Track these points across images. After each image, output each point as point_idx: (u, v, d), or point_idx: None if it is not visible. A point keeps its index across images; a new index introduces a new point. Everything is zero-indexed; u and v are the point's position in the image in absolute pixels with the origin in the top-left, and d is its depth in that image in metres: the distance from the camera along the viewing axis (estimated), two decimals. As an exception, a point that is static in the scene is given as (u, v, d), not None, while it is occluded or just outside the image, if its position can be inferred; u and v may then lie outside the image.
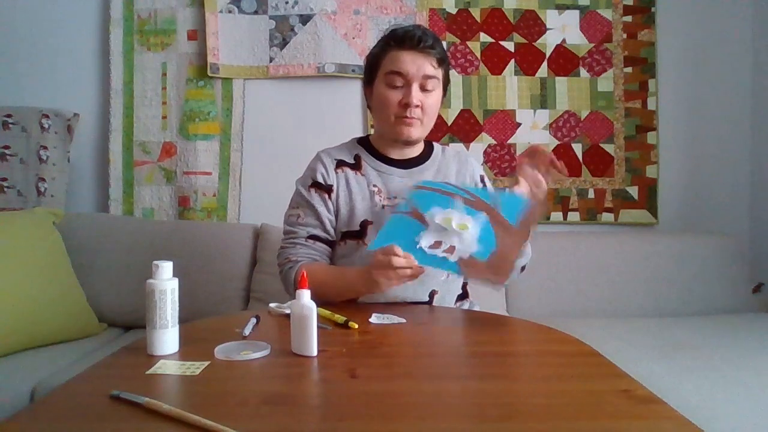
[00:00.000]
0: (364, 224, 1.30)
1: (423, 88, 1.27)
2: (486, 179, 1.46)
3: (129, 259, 1.94)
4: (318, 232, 1.32)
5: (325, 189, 1.33)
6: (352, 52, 2.24)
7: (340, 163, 1.35)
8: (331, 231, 1.33)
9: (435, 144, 1.45)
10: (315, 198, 1.33)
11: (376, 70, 1.32)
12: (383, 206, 1.31)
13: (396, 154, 1.36)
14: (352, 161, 1.36)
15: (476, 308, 1.41)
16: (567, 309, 1.98)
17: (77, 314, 1.75)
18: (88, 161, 2.27)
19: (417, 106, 1.27)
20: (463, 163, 1.43)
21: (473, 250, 1.04)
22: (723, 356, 1.48)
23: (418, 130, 1.30)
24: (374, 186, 1.33)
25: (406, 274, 1.06)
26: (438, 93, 1.31)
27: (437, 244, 1.06)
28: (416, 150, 1.38)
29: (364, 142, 1.41)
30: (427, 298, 1.29)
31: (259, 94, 2.26)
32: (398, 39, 1.28)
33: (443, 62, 1.30)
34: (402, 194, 1.29)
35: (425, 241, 1.06)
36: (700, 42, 2.32)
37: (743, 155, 2.34)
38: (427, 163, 1.38)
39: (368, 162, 1.36)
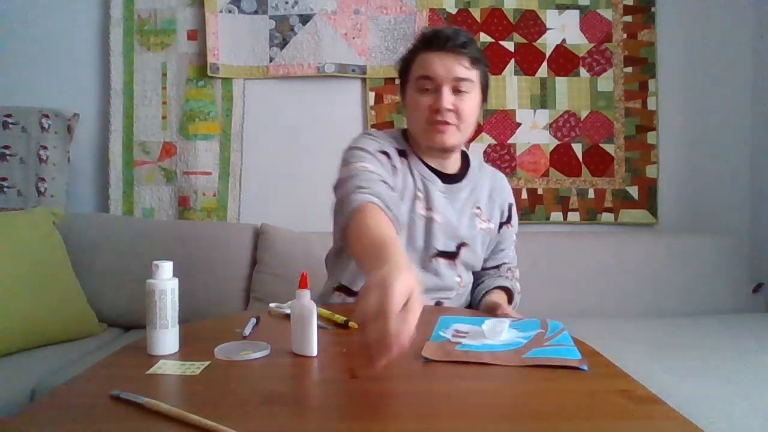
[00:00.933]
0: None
1: (456, 91, 1.19)
2: (514, 208, 1.40)
3: (129, 259, 1.94)
4: (389, 183, 1.16)
5: (392, 166, 1.21)
6: (352, 52, 2.24)
7: (401, 152, 1.25)
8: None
9: (473, 158, 1.37)
10: (385, 163, 1.19)
11: (407, 75, 1.26)
12: (421, 215, 1.22)
13: (434, 163, 1.27)
14: (400, 150, 1.27)
15: None
16: (567, 309, 1.97)
17: (77, 314, 1.75)
18: (88, 161, 2.27)
19: (450, 110, 1.18)
20: (497, 189, 1.36)
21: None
22: (723, 356, 1.48)
23: (454, 136, 1.22)
24: (419, 190, 1.23)
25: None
26: (474, 96, 1.22)
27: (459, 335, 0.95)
28: (454, 162, 1.30)
29: (406, 138, 1.31)
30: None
31: (259, 94, 2.27)
32: (426, 40, 1.21)
33: (478, 62, 1.21)
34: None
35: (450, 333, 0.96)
36: (700, 42, 2.32)
37: (743, 155, 2.34)
38: (464, 181, 1.30)
39: (414, 163, 1.26)
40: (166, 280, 0.88)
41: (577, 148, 2.30)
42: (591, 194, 2.31)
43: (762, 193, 2.30)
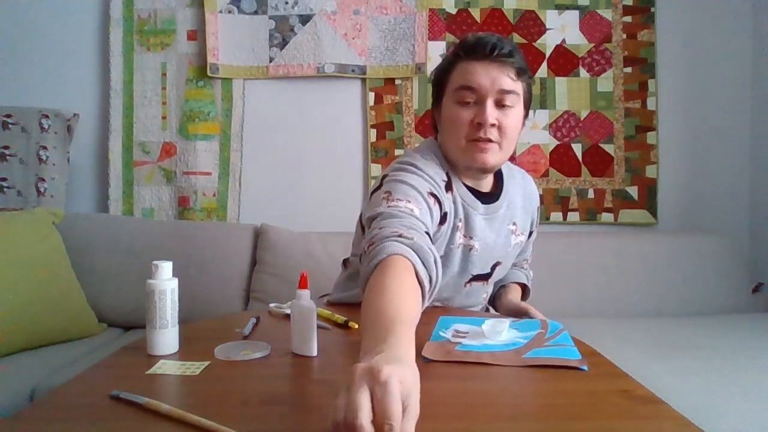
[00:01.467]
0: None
1: (499, 105, 1.08)
2: (538, 215, 1.34)
3: (129, 259, 1.94)
4: (432, 235, 1.01)
5: (441, 213, 1.08)
6: (352, 52, 2.24)
7: (447, 185, 1.12)
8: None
9: (502, 166, 1.24)
10: (434, 210, 1.05)
11: (444, 86, 1.13)
12: (459, 245, 1.13)
13: (471, 182, 1.16)
14: (447, 181, 1.13)
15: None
16: (567, 309, 1.97)
17: (77, 314, 1.75)
18: (88, 161, 2.27)
19: (493, 125, 1.07)
20: (528, 198, 1.29)
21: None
22: (723, 356, 1.48)
23: (496, 155, 1.10)
24: (460, 220, 1.12)
25: None
26: (518, 111, 1.11)
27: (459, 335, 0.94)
28: (490, 180, 1.20)
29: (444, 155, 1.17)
30: None
31: (259, 94, 2.26)
32: (469, 48, 1.09)
33: (524, 73, 1.10)
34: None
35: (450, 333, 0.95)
36: (700, 42, 2.32)
37: (743, 155, 2.34)
38: (500, 198, 1.19)
39: (457, 187, 1.14)
40: (166, 280, 0.88)
41: (577, 148, 2.30)
42: (591, 194, 2.31)
43: (762, 193, 2.30)
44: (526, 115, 1.16)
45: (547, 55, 2.28)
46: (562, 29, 2.29)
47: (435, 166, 1.13)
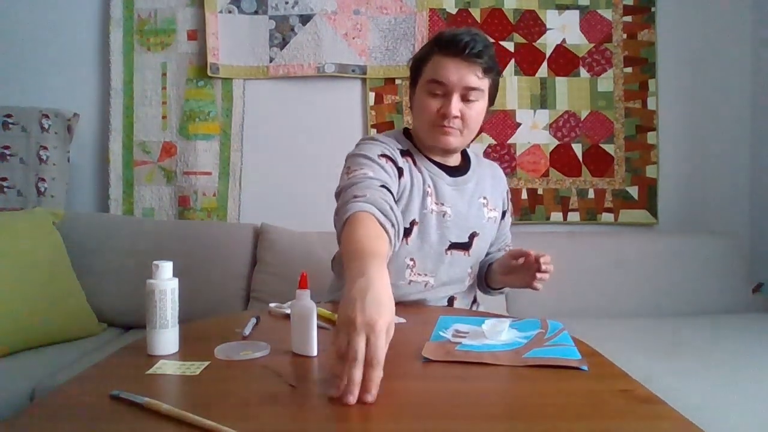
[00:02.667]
0: (413, 223, 1.23)
1: (465, 99, 1.20)
2: (509, 195, 1.45)
3: (129, 259, 1.94)
4: (391, 186, 1.14)
5: (397, 167, 1.22)
6: (352, 52, 2.24)
7: (404, 152, 1.26)
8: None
9: (470, 152, 1.39)
10: (387, 167, 1.18)
11: (419, 75, 1.25)
12: (432, 210, 1.24)
13: (438, 159, 1.29)
14: (404, 150, 1.28)
15: (481, 308, 1.41)
16: (567, 309, 1.97)
17: (77, 314, 1.75)
18: (88, 161, 2.27)
19: (456, 116, 1.20)
20: (497, 179, 1.40)
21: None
22: (723, 356, 1.48)
23: (457, 139, 1.24)
24: (429, 186, 1.25)
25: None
26: (481, 104, 1.23)
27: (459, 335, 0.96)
28: (456, 158, 1.33)
29: (408, 136, 1.33)
30: (445, 303, 1.29)
31: (259, 94, 2.26)
32: (443, 44, 1.20)
33: (491, 71, 1.22)
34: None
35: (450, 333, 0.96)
36: (700, 42, 2.32)
37: (743, 155, 2.34)
38: (469, 173, 1.32)
39: (419, 160, 1.28)
40: (166, 280, 0.88)
41: (577, 148, 2.30)
42: (591, 194, 2.31)
43: (762, 193, 2.30)
44: (491, 104, 1.28)
45: (548, 55, 2.28)
46: (563, 29, 2.29)
47: (391, 140, 1.27)
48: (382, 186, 1.11)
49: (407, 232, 1.22)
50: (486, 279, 1.39)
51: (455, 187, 1.28)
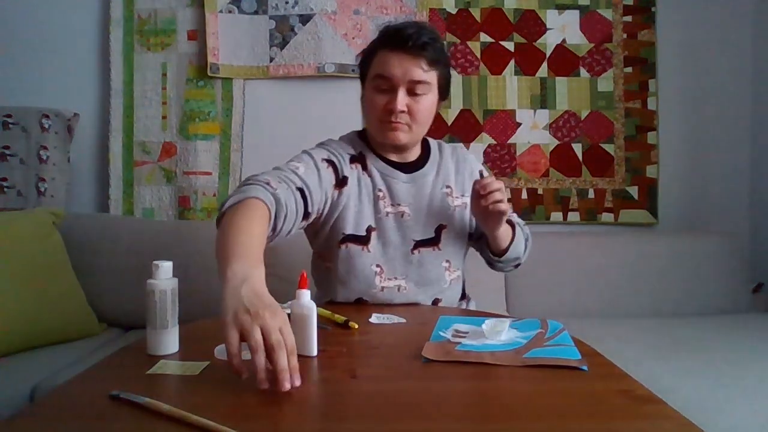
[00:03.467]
0: (370, 230, 1.22)
1: (411, 93, 1.18)
2: (485, 172, 1.38)
3: (129, 259, 1.94)
4: (308, 194, 1.13)
5: (339, 180, 1.21)
6: (352, 52, 2.24)
7: (353, 158, 1.26)
8: (314, 212, 1.16)
9: (432, 142, 1.36)
10: (324, 172, 1.19)
11: (367, 71, 1.23)
12: (387, 213, 1.24)
13: (394, 156, 1.27)
14: (356, 156, 1.27)
15: (472, 307, 1.41)
16: (567, 309, 1.98)
17: (77, 314, 1.75)
18: (88, 161, 2.27)
19: (403, 111, 1.17)
20: (461, 161, 1.35)
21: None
22: (723, 356, 1.48)
23: (406, 135, 1.21)
24: (379, 190, 1.24)
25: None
26: (430, 97, 1.20)
27: (459, 335, 0.96)
28: (414, 153, 1.30)
29: (363, 137, 1.31)
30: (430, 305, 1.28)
31: (259, 94, 2.26)
32: (387, 38, 1.18)
33: (437, 63, 1.18)
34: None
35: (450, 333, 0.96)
36: (700, 42, 2.32)
37: (743, 155, 2.34)
38: (427, 166, 1.30)
39: (372, 162, 1.26)
40: (166, 280, 0.88)
41: (577, 148, 2.30)
42: (591, 194, 2.31)
43: (762, 193, 2.30)
44: (443, 98, 1.26)
45: (548, 55, 2.28)
46: (563, 29, 2.29)
47: (344, 145, 1.28)
48: (300, 188, 1.11)
49: (366, 240, 1.22)
50: (489, 250, 1.33)
51: (412, 183, 1.26)
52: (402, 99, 1.17)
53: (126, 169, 2.24)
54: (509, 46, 2.28)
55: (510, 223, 1.30)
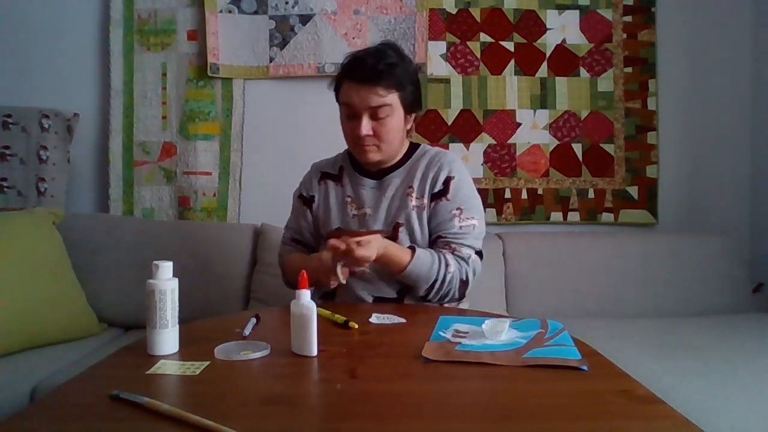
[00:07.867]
0: (338, 230, 1.36)
1: (374, 117, 1.28)
2: (453, 183, 1.34)
3: (129, 259, 1.94)
4: (298, 236, 1.50)
5: (307, 201, 1.46)
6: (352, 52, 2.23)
7: (324, 176, 1.46)
8: (308, 236, 1.48)
9: (420, 148, 1.43)
10: (298, 209, 1.49)
11: (337, 98, 1.36)
12: (353, 215, 1.38)
13: (371, 166, 1.39)
14: (335, 173, 1.45)
15: (465, 304, 1.42)
16: (567, 309, 1.97)
17: (77, 314, 1.75)
18: (88, 161, 2.27)
19: (368, 135, 1.28)
20: (433, 166, 1.36)
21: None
22: (723, 356, 1.48)
23: (377, 154, 1.33)
24: (348, 197, 1.40)
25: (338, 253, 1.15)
26: (394, 118, 1.30)
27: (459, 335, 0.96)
28: (399, 158, 1.41)
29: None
30: (395, 295, 1.31)
31: (259, 94, 2.26)
32: (347, 69, 1.31)
33: (396, 86, 1.28)
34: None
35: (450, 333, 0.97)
36: (700, 42, 2.32)
37: (743, 155, 2.34)
38: (397, 171, 1.39)
39: (348, 173, 1.43)
40: (166, 280, 0.88)
41: (577, 148, 2.30)
42: (591, 194, 2.31)
43: (762, 194, 2.30)
44: (415, 111, 1.37)
45: (548, 55, 2.28)
46: (563, 29, 2.29)
47: (325, 165, 1.50)
48: (293, 238, 1.51)
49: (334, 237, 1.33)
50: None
51: (377, 188, 1.39)
52: (366, 125, 1.28)
53: (126, 169, 2.24)
54: (509, 46, 2.28)
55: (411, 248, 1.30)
